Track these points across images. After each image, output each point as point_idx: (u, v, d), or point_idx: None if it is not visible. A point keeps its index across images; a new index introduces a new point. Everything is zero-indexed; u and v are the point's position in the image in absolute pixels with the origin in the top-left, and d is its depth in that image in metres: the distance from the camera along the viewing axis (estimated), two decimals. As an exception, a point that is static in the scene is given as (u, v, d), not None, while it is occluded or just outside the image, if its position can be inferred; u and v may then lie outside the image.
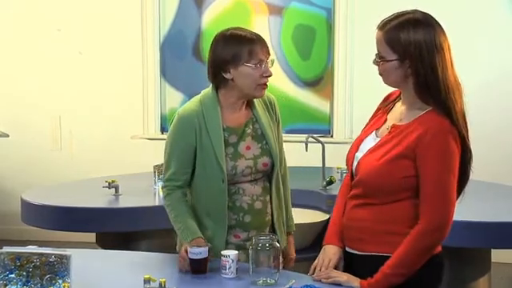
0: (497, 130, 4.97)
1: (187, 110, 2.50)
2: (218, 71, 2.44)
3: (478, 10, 5.09)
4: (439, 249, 2.17)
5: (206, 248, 2.35)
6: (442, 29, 2.09)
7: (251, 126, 2.52)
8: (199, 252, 2.33)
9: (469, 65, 2.12)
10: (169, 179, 2.52)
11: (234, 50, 2.40)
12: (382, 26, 2.10)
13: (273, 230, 2.57)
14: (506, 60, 5.10)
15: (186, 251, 2.35)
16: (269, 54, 2.44)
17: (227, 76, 2.43)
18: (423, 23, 2.07)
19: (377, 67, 2.15)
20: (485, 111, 4.65)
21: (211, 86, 2.52)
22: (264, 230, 2.54)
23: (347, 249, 2.24)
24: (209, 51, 2.49)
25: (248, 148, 2.50)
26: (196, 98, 2.53)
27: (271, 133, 2.53)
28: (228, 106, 2.50)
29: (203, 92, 2.54)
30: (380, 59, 2.11)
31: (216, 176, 2.45)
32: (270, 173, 2.54)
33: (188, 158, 2.48)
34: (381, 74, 2.15)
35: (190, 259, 2.33)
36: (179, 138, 2.49)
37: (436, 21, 2.10)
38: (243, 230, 2.51)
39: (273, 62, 2.46)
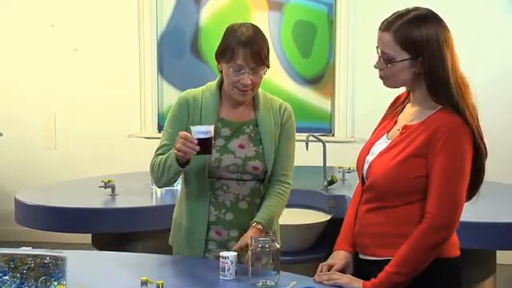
0: (498, 128, 4.97)
1: (186, 92, 2.57)
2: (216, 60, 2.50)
3: (477, 11, 5.12)
4: (457, 252, 2.16)
5: (213, 126, 2.34)
6: (445, 24, 2.09)
7: (251, 127, 2.53)
8: (207, 131, 2.30)
9: (467, 65, 2.12)
10: (158, 149, 2.53)
11: (224, 45, 2.44)
12: (388, 27, 2.08)
13: None
14: (505, 60, 5.13)
15: (184, 135, 2.29)
16: (257, 65, 2.40)
17: (219, 67, 2.49)
18: (431, 18, 2.07)
19: (380, 70, 2.13)
20: (486, 110, 4.65)
21: (218, 78, 2.56)
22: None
23: (361, 256, 2.23)
24: None
25: (241, 146, 2.51)
26: (200, 87, 2.59)
27: (271, 140, 2.52)
28: (227, 99, 2.53)
29: (209, 83, 2.59)
30: (389, 61, 2.08)
31: (199, 162, 2.45)
32: (262, 178, 2.54)
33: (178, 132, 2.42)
34: (383, 77, 2.13)
35: (198, 139, 2.29)
36: (173, 115, 2.54)
37: (440, 17, 2.10)
38: (223, 228, 2.52)
39: (264, 72, 2.44)
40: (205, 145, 2.30)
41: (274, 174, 2.55)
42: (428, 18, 2.07)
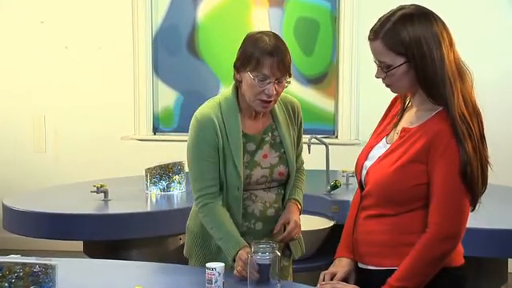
0: (501, 131, 4.97)
1: (206, 114, 2.52)
2: (234, 70, 2.50)
3: (479, 11, 5.13)
4: (461, 261, 2.17)
5: (276, 252, 2.31)
6: (436, 18, 2.07)
7: (270, 134, 2.58)
8: (269, 257, 2.28)
9: (468, 65, 2.12)
10: (201, 189, 2.52)
11: (246, 53, 2.44)
12: (375, 35, 2.08)
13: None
14: (507, 61, 5.15)
15: (244, 259, 2.34)
16: (282, 74, 2.42)
17: (237, 77, 2.49)
18: (418, 16, 2.05)
19: (382, 79, 2.13)
20: (487, 112, 4.67)
21: (232, 86, 2.56)
22: (276, 238, 2.54)
23: (360, 265, 2.24)
24: None
25: (265, 156, 2.56)
26: (214, 101, 2.57)
27: (290, 141, 2.60)
28: (246, 110, 2.54)
29: (221, 94, 2.59)
30: (387, 69, 2.08)
31: (232, 183, 2.50)
32: (285, 182, 2.62)
33: (215, 162, 2.50)
34: (388, 85, 2.14)
35: (260, 265, 2.28)
36: (203, 144, 2.51)
37: (429, 11, 2.09)
38: (253, 238, 2.53)
39: (287, 82, 2.46)
40: (265, 271, 2.28)
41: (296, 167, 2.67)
42: (414, 17, 2.05)
